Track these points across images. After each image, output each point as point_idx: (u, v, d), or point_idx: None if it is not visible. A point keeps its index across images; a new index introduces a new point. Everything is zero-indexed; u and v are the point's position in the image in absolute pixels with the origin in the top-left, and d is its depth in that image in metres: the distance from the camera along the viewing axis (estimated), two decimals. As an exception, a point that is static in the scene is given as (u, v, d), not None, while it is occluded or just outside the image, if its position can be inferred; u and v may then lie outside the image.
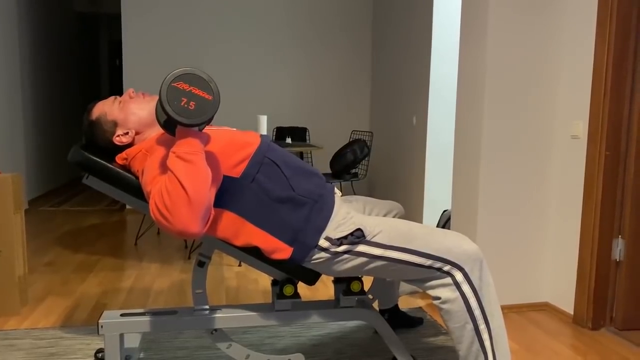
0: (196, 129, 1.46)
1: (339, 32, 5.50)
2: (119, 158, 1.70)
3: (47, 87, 6.14)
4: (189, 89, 1.40)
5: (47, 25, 6.14)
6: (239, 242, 1.65)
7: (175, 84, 1.39)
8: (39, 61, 5.80)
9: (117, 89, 8.90)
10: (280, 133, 5.26)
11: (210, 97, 1.42)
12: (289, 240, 1.65)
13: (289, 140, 4.43)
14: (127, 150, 1.68)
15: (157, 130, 1.71)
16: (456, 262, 1.64)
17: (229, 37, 5.25)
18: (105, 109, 1.75)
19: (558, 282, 2.61)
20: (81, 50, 8.07)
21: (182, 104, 1.38)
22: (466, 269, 1.64)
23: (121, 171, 1.65)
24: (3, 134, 4.55)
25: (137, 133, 1.73)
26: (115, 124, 1.73)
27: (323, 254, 1.68)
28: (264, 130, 3.70)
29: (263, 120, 3.71)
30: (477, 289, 1.64)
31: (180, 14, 5.13)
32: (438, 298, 1.67)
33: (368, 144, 4.45)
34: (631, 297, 2.38)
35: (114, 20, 8.74)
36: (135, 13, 5.03)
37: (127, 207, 5.31)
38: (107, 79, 8.95)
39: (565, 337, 2.33)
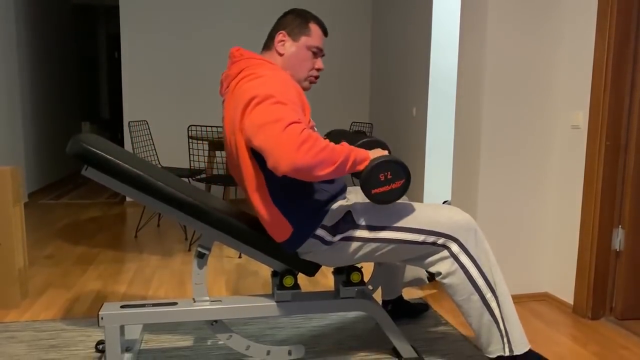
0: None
1: (339, 23, 5.47)
2: (234, 71, 1.69)
3: (46, 80, 6.11)
4: (389, 181, 1.59)
5: (44, 18, 6.10)
6: (253, 199, 1.67)
7: (390, 161, 1.58)
8: (36, 54, 5.78)
9: (115, 82, 8.87)
10: (280, 125, 5.24)
11: (392, 190, 1.60)
12: (293, 222, 1.67)
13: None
14: (252, 65, 1.68)
15: (276, 69, 1.70)
16: (449, 233, 1.65)
17: (228, 29, 5.22)
18: (317, 34, 1.77)
19: (558, 273, 2.61)
20: (79, 43, 8.03)
21: (385, 172, 1.58)
22: (460, 240, 1.64)
23: (120, 162, 1.64)
24: (2, 127, 4.54)
25: (281, 54, 1.75)
26: (295, 38, 1.75)
27: (318, 243, 1.69)
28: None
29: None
30: (475, 257, 1.64)
31: (178, 6, 5.10)
32: (439, 273, 1.67)
33: (368, 135, 4.43)
34: (631, 287, 2.38)
35: (112, 13, 8.70)
36: (133, 5, 5.00)
37: (127, 199, 5.31)
38: (105, 71, 8.92)
39: (565, 327, 2.33)
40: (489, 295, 1.64)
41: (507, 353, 1.66)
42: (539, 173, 2.60)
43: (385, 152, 1.64)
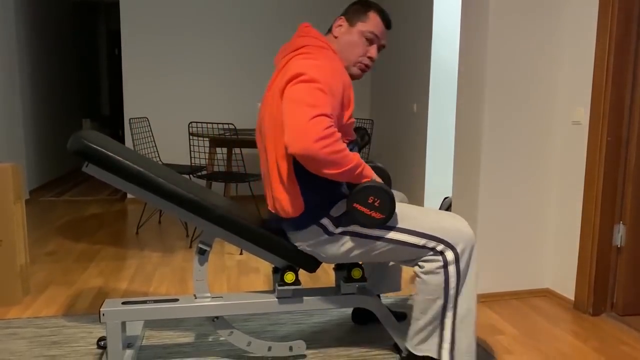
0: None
1: (339, 19, 5.45)
2: (296, 44, 1.72)
3: (46, 77, 6.11)
4: (374, 207, 1.60)
5: (44, 15, 6.10)
6: (281, 167, 1.67)
7: (387, 192, 1.59)
8: (36, 51, 5.77)
9: (116, 79, 8.87)
10: (281, 121, 5.23)
11: (370, 216, 1.62)
12: (307, 202, 1.68)
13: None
14: (311, 45, 1.71)
15: (334, 58, 1.72)
16: (449, 241, 1.66)
17: (228, 27, 5.21)
18: (373, 22, 1.78)
19: (559, 268, 2.61)
20: (79, 40, 8.02)
21: (376, 198, 1.60)
22: (458, 249, 1.65)
23: (121, 159, 1.64)
24: (2, 125, 4.54)
25: (336, 37, 1.80)
26: (352, 23, 1.78)
27: (320, 231, 1.69)
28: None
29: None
30: (461, 272, 1.66)
31: (179, 2, 5.09)
32: (421, 267, 1.68)
33: (369, 132, 4.43)
34: (632, 282, 2.38)
35: (113, 9, 8.69)
36: (134, 1, 4.99)
37: (128, 196, 5.31)
38: (105, 68, 8.91)
39: (566, 323, 2.33)
40: (450, 305, 1.66)
41: (436, 356, 1.68)
42: (540, 169, 2.60)
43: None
